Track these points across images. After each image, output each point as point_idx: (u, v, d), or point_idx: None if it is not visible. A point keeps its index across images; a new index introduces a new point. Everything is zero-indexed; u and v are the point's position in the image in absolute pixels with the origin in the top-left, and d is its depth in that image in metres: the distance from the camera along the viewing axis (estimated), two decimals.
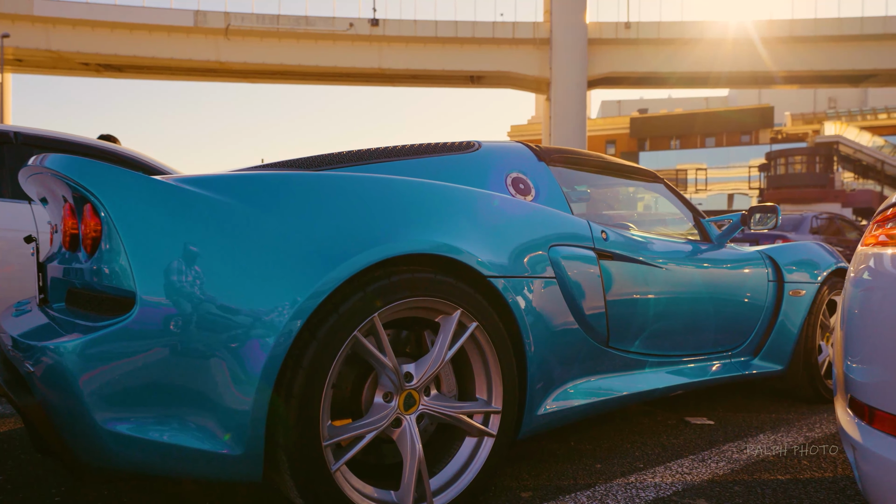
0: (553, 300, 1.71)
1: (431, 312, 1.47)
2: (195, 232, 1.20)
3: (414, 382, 1.42)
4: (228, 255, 1.20)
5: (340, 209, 1.34)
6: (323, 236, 1.28)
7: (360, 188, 1.39)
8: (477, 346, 1.53)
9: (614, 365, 1.99)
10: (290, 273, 1.22)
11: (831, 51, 31.98)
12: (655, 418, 2.49)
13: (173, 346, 1.14)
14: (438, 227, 1.45)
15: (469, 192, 1.61)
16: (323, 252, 1.26)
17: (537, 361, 1.63)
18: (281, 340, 1.19)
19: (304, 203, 1.31)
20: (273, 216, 1.26)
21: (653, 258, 2.14)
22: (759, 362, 2.59)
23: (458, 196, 1.57)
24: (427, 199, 1.49)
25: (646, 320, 2.09)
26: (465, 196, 1.59)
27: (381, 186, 1.43)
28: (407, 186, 1.48)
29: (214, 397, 1.16)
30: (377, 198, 1.40)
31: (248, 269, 1.20)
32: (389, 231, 1.36)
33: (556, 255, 1.75)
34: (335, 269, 1.26)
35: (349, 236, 1.31)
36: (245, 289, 1.19)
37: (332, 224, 1.31)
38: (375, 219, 1.37)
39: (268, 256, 1.22)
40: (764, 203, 2.45)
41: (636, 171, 2.48)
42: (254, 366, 1.17)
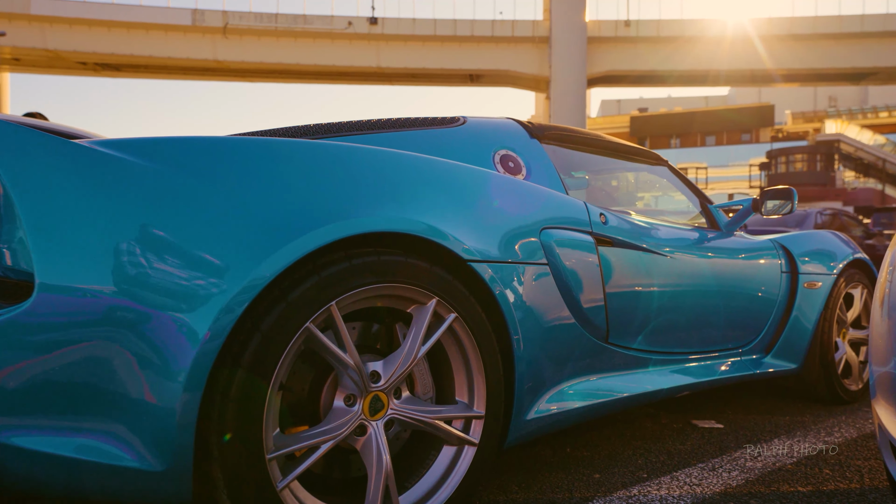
0: (545, 290, 1.51)
1: (403, 302, 1.27)
2: (111, 203, 1.00)
3: (381, 383, 1.22)
4: (151, 231, 1.00)
5: (292, 180, 1.14)
6: (269, 210, 1.08)
7: (316, 156, 1.19)
8: (456, 341, 1.33)
9: (614, 363, 1.79)
10: (227, 252, 1.02)
11: (831, 49, 31.81)
12: (659, 421, 2.29)
13: (79, 341, 0.94)
14: (411, 202, 1.25)
15: (448, 165, 1.41)
16: (269, 229, 1.06)
17: (527, 359, 1.43)
18: (215, 333, 0.99)
19: (247, 172, 1.11)
20: (208, 186, 1.06)
21: (657, 245, 1.94)
22: (771, 360, 2.39)
23: (435, 169, 1.37)
24: (398, 171, 1.29)
25: (649, 314, 1.89)
26: (443, 169, 1.39)
27: (343, 155, 1.23)
28: (374, 156, 1.28)
29: (131, 402, 0.96)
30: (338, 168, 1.20)
31: (176, 248, 1.00)
32: (351, 206, 1.16)
33: (548, 239, 1.55)
34: (283, 248, 1.05)
35: (302, 211, 1.11)
36: (171, 271, 0.99)
37: (282, 196, 1.11)
38: (335, 191, 1.16)
39: (200, 233, 1.02)
40: (778, 187, 2.23)
41: (638, 152, 2.28)
42: (180, 364, 0.97)
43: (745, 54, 32.20)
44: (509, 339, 1.39)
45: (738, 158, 37.34)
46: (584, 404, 1.64)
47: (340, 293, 1.13)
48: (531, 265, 1.48)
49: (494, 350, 1.36)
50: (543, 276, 1.51)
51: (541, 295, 1.50)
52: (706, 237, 2.22)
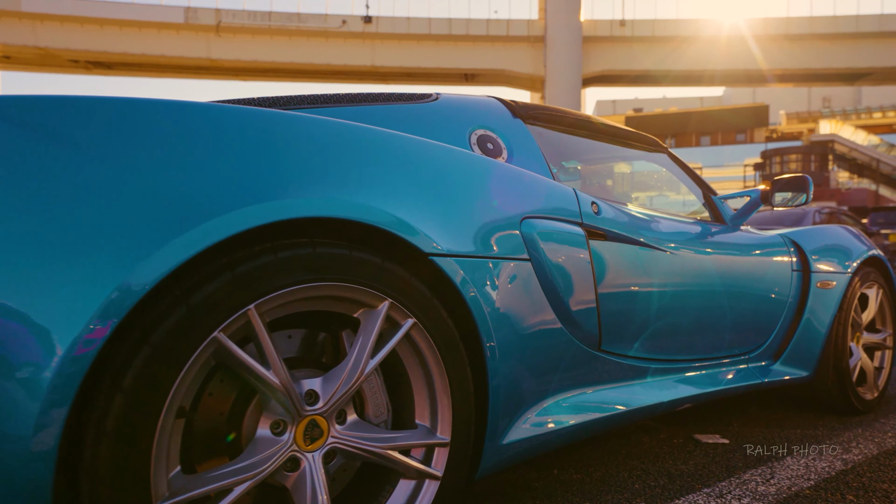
0: (526, 290, 1.28)
1: (348, 305, 1.04)
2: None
3: (320, 405, 0.98)
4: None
5: (199, 151, 0.90)
6: (164, 188, 0.84)
7: (233, 123, 0.95)
8: (416, 352, 1.09)
9: (608, 374, 1.56)
10: (102, 242, 0.79)
11: (826, 49, 31.77)
12: (658, 436, 2.06)
13: None
14: (358, 182, 1.02)
15: (408, 140, 1.17)
16: (162, 211, 0.83)
17: (503, 372, 1.20)
18: (83, 347, 0.75)
19: (136, 140, 0.87)
20: (80, 156, 0.82)
21: (656, 240, 1.71)
22: (780, 367, 2.17)
23: (392, 143, 1.14)
24: (343, 144, 1.05)
25: (647, 317, 1.66)
26: (401, 144, 1.15)
27: (271, 123, 0.99)
28: (313, 126, 1.04)
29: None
30: (264, 138, 0.96)
31: (29, 234, 0.77)
32: (280, 184, 0.93)
33: (530, 230, 1.32)
34: (180, 237, 0.82)
35: (210, 189, 0.87)
36: (20, 264, 0.75)
37: (182, 172, 0.87)
38: (257, 167, 0.93)
39: (64, 214, 0.78)
40: (790, 175, 1.99)
41: (635, 136, 2.06)
42: (33, 388, 0.73)
43: (740, 54, 32.16)
44: (482, 349, 1.16)
45: (733, 159, 37.25)
46: (573, 423, 1.41)
47: (262, 294, 0.90)
48: (510, 261, 1.25)
49: (462, 362, 1.12)
50: (524, 273, 1.28)
51: (521, 296, 1.27)
52: (710, 231, 2.00)
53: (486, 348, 1.16)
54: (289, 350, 1.07)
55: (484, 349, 1.15)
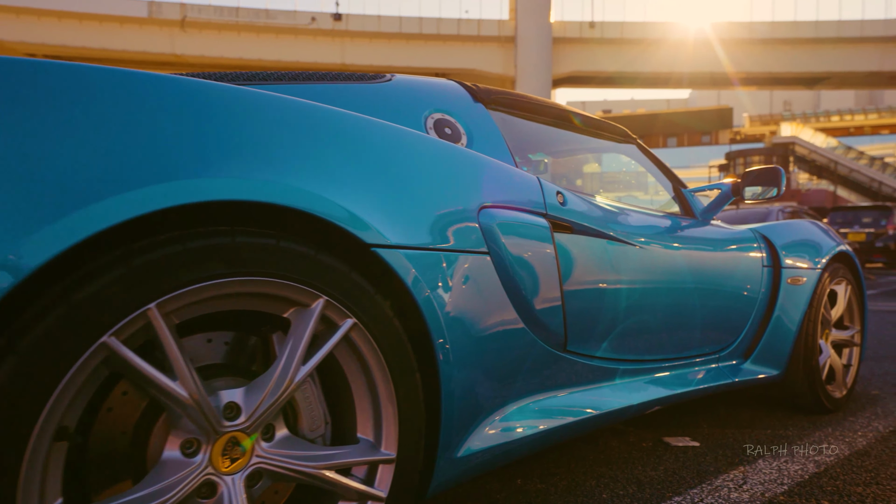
0: (485, 286, 1.16)
1: (277, 304, 0.90)
2: None
3: (242, 420, 0.85)
4: None
5: (88, 121, 0.75)
6: (36, 162, 0.70)
7: (137, 91, 0.81)
8: (357, 356, 0.97)
9: (574, 376, 1.45)
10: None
11: (787, 53, 32.66)
12: (627, 439, 1.97)
13: None
14: (289, 161, 0.89)
15: (349, 117, 1.04)
16: (33, 189, 0.68)
17: (459, 377, 1.08)
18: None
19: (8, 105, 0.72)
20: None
21: (626, 234, 1.61)
22: (751, 366, 2.10)
23: (329, 120, 1.00)
24: (271, 119, 0.92)
25: (616, 316, 1.57)
26: (341, 121, 1.02)
27: (183, 92, 0.85)
28: (235, 97, 0.90)
29: None
30: (171, 109, 0.82)
31: None
32: (189, 161, 0.79)
33: (490, 221, 1.21)
34: (56, 223, 0.68)
35: (97, 165, 0.73)
36: None
37: (59, 143, 0.72)
38: (161, 140, 0.79)
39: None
40: (762, 166, 1.91)
41: (603, 126, 1.96)
42: None
43: (707, 58, 32.82)
44: (433, 352, 1.03)
45: (699, 160, 37.99)
46: (538, 430, 1.31)
47: (166, 291, 0.76)
48: (466, 254, 1.13)
49: (411, 367, 1.00)
50: (483, 268, 1.17)
51: (479, 293, 1.15)
52: (681, 226, 1.91)
53: (439, 351, 1.04)
54: (211, 356, 0.93)
55: (436, 352, 1.03)
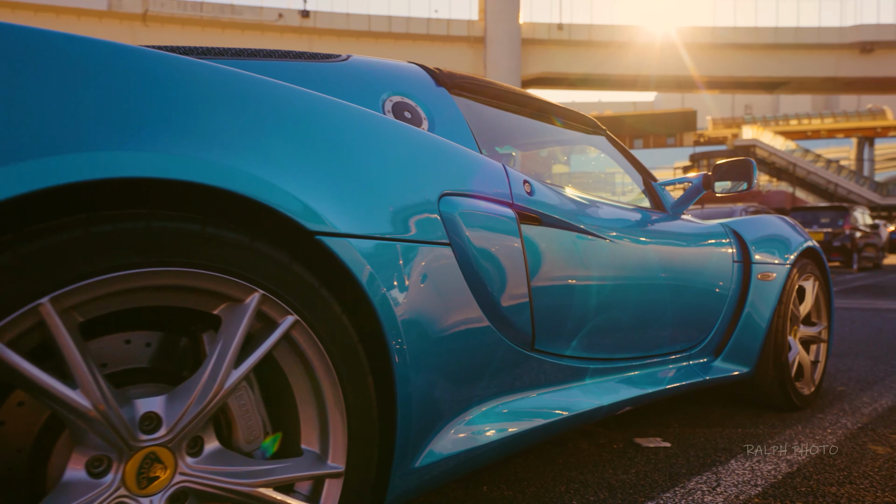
0: (446, 280, 1.07)
1: (206, 299, 0.79)
2: None
3: (162, 433, 0.74)
4: None
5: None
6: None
7: (37, 48, 0.69)
8: (300, 358, 0.86)
9: (542, 377, 1.37)
10: None
11: (748, 58, 33.56)
12: (597, 441, 1.90)
13: None
14: (220, 136, 0.77)
15: (294, 91, 0.93)
16: None
17: (416, 380, 0.98)
18: None
19: None
20: None
21: (596, 227, 1.54)
22: (721, 364, 2.06)
23: (271, 93, 0.89)
24: (200, 88, 0.80)
25: (586, 312, 1.49)
26: (284, 95, 0.91)
27: (96, 54, 0.73)
28: (158, 63, 0.78)
29: None
30: (73, 71, 0.70)
31: None
32: (98, 130, 0.67)
33: (451, 210, 1.11)
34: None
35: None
36: None
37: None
38: (65, 105, 0.67)
39: None
40: (733, 159, 1.86)
41: (572, 116, 1.89)
42: None
43: (673, 61, 33.48)
44: (388, 353, 0.93)
45: (664, 161, 38.75)
46: (504, 435, 1.22)
47: (62, 283, 0.64)
48: (425, 245, 1.03)
49: (361, 370, 0.90)
50: (443, 261, 1.07)
51: (439, 288, 1.05)
52: (652, 220, 1.86)
53: (394, 352, 0.94)
54: (130, 360, 0.81)
55: (391, 353, 0.93)
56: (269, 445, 0.88)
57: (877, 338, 4.09)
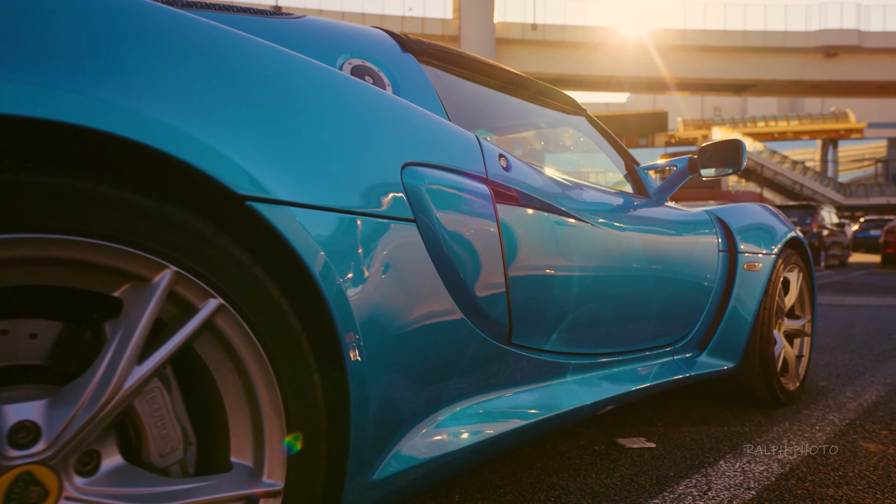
0: (410, 263, 0.92)
1: (102, 278, 0.63)
2: None
3: (41, 448, 0.57)
4: None
5: None
6: None
7: None
8: (227, 352, 0.70)
9: (521, 373, 1.24)
10: None
11: (717, 60, 34.16)
12: (577, 442, 1.78)
13: None
14: (126, 76, 0.62)
15: (224, 32, 0.78)
16: None
17: (375, 378, 0.83)
18: None
19: None
20: None
21: (580, 211, 1.41)
22: (706, 359, 1.96)
23: (193, 29, 0.73)
24: (99, 17, 0.64)
25: (567, 303, 1.36)
26: (210, 34, 0.75)
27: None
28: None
29: None
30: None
31: None
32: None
33: (416, 182, 0.97)
34: None
35: None
36: None
37: None
38: None
39: None
40: (720, 140, 1.74)
41: (550, 94, 1.76)
42: None
43: (644, 63, 33.89)
44: (339, 346, 0.78)
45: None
46: (478, 439, 1.08)
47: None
48: (385, 220, 0.88)
49: (305, 366, 0.75)
50: (407, 239, 0.93)
51: (403, 270, 0.91)
52: (634, 205, 1.74)
53: (347, 345, 0.79)
54: (6, 355, 0.64)
55: (343, 346, 0.78)
56: (191, 459, 0.72)
57: (850, 332, 4.08)
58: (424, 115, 1.07)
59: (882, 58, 32.82)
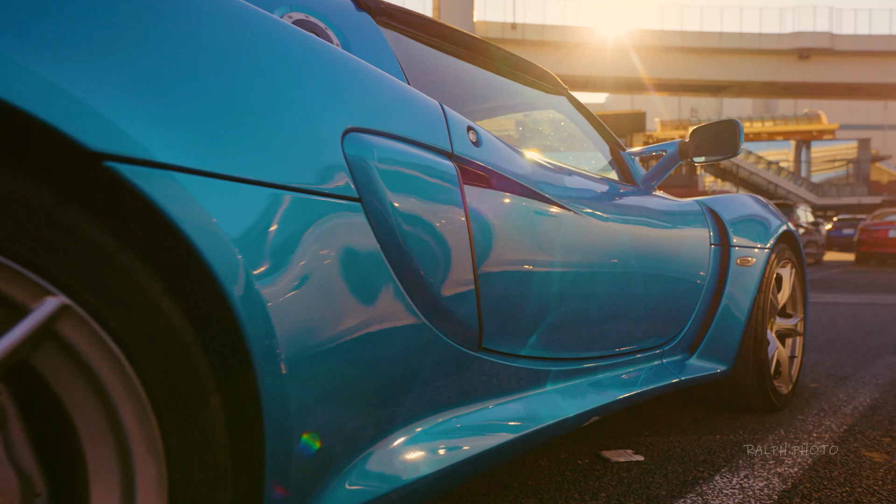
0: (351, 250, 0.74)
1: None
2: None
3: None
4: None
5: None
6: None
7: None
8: (81, 372, 0.51)
9: (494, 383, 1.06)
10: None
11: (694, 62, 34.52)
12: (558, 456, 1.61)
13: None
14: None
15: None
16: None
17: (299, 401, 0.65)
18: None
19: None
20: None
21: (562, 198, 1.24)
22: (697, 362, 1.80)
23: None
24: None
25: (547, 302, 1.19)
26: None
27: None
28: None
29: None
30: None
31: None
32: None
33: (362, 154, 0.78)
34: None
35: None
36: None
37: None
38: None
39: None
40: (715, 121, 1.58)
41: (528, 68, 1.58)
42: None
43: (623, 63, 34.09)
44: (249, 361, 0.59)
45: None
46: (441, 466, 0.90)
47: None
48: (318, 198, 0.70)
49: (198, 387, 0.56)
50: (348, 221, 0.74)
51: (342, 259, 0.72)
52: (620, 193, 1.57)
53: (261, 358, 0.60)
54: None
55: (255, 361, 0.59)
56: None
57: (833, 331, 4.00)
58: (375, 74, 0.88)
59: (853, 60, 33.48)
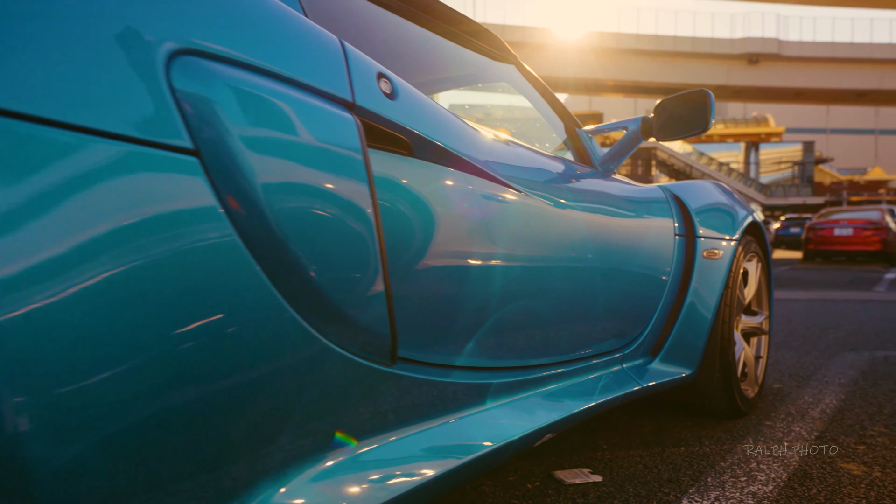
0: (183, 229, 0.50)
1: None
2: None
3: None
4: None
5: None
6: None
7: None
8: None
9: (416, 405, 0.83)
10: None
11: (650, 64, 35.24)
12: (505, 478, 1.40)
13: None
14: None
15: None
16: None
17: (102, 455, 0.40)
18: None
19: None
20: None
21: (503, 174, 1.02)
22: (660, 366, 1.62)
23: None
24: None
25: (486, 300, 0.97)
26: None
27: None
28: None
29: None
30: None
31: None
32: None
33: (200, 89, 0.54)
34: None
35: None
36: None
37: None
38: None
39: None
40: (684, 92, 1.40)
41: (473, 29, 1.35)
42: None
43: (583, 64, 34.47)
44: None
45: None
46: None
47: None
48: (121, 145, 0.45)
49: None
50: (180, 188, 0.50)
51: (160, 243, 0.48)
52: (576, 174, 1.37)
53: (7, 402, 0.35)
54: None
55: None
56: None
57: (790, 328, 3.94)
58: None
59: (799, 66, 34.72)
